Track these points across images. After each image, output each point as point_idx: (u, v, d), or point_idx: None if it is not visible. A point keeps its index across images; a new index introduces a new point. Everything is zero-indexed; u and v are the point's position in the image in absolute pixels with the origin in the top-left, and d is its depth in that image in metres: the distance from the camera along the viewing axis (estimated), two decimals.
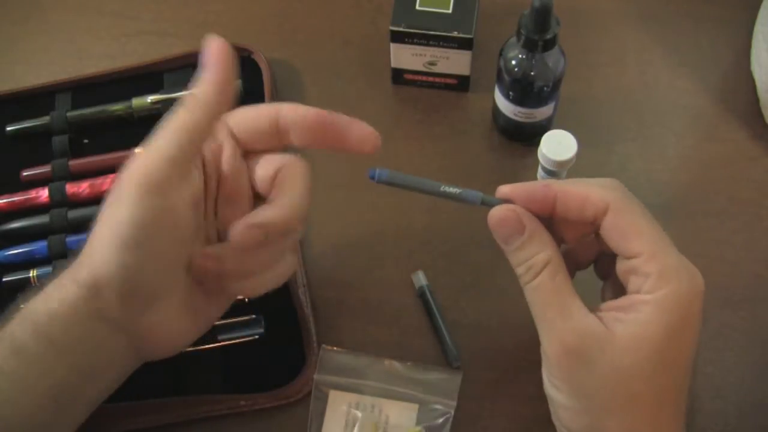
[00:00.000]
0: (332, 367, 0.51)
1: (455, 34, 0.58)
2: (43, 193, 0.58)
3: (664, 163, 0.59)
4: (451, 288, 0.55)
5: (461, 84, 0.62)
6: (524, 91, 0.55)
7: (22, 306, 0.42)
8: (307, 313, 0.53)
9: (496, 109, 0.59)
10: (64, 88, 0.63)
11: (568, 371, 0.40)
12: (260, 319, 0.53)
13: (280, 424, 0.51)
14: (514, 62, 0.54)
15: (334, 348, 0.52)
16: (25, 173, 0.59)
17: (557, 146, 0.53)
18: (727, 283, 0.54)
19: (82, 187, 0.58)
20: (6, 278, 0.55)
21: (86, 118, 0.61)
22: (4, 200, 0.58)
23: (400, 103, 0.63)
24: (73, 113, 0.61)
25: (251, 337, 0.52)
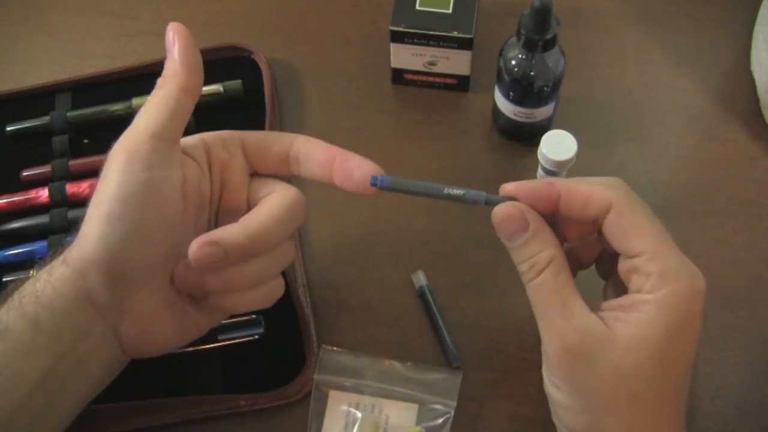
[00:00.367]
0: (332, 367, 0.52)
1: (455, 34, 0.58)
2: (43, 193, 0.58)
3: (664, 163, 0.59)
4: (451, 288, 0.55)
5: (461, 84, 0.62)
6: (524, 91, 0.55)
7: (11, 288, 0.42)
8: (307, 313, 0.53)
9: (496, 109, 0.59)
10: (64, 88, 0.63)
11: (568, 370, 0.40)
12: (260, 319, 0.53)
13: (280, 424, 0.51)
14: (514, 62, 0.54)
15: (334, 348, 0.52)
16: (25, 173, 0.59)
17: (557, 146, 0.53)
18: (727, 283, 0.54)
19: (82, 187, 0.58)
20: (6, 278, 0.55)
21: (86, 118, 0.61)
22: (4, 200, 0.58)
23: (400, 103, 0.63)
24: (73, 113, 0.61)
25: (251, 337, 0.52)
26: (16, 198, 0.58)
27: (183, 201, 0.44)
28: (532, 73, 0.54)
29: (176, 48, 0.44)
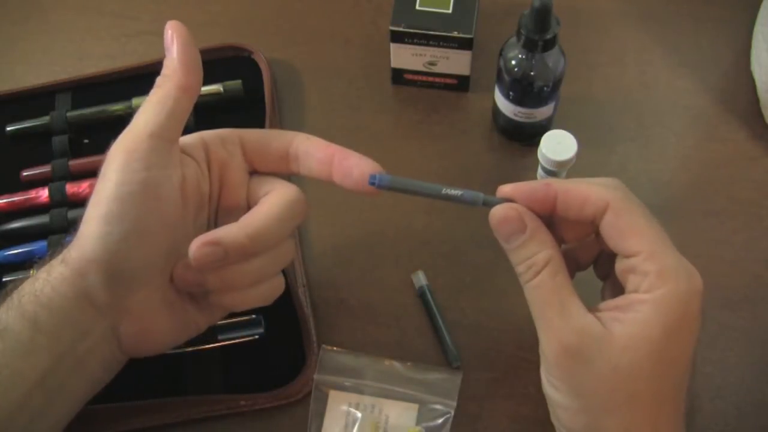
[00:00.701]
0: (332, 367, 0.52)
1: (455, 34, 0.58)
2: (43, 193, 0.58)
3: (664, 163, 0.59)
4: (451, 288, 0.55)
5: (461, 84, 0.62)
6: (524, 91, 0.55)
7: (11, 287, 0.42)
8: (307, 313, 0.53)
9: (496, 109, 0.59)
10: (64, 88, 0.63)
11: (566, 371, 0.40)
12: (260, 319, 0.53)
13: (280, 424, 0.51)
14: (514, 62, 0.54)
15: (334, 348, 0.52)
16: (25, 173, 0.59)
17: (557, 146, 0.53)
18: (727, 283, 0.54)
19: (82, 187, 0.58)
20: (6, 278, 0.55)
21: (86, 118, 0.61)
22: (4, 200, 0.58)
23: (400, 103, 0.63)
24: (73, 113, 0.61)
25: (251, 337, 0.52)
26: (16, 198, 0.58)
27: (182, 200, 0.44)
28: (532, 73, 0.54)
29: (175, 47, 0.44)
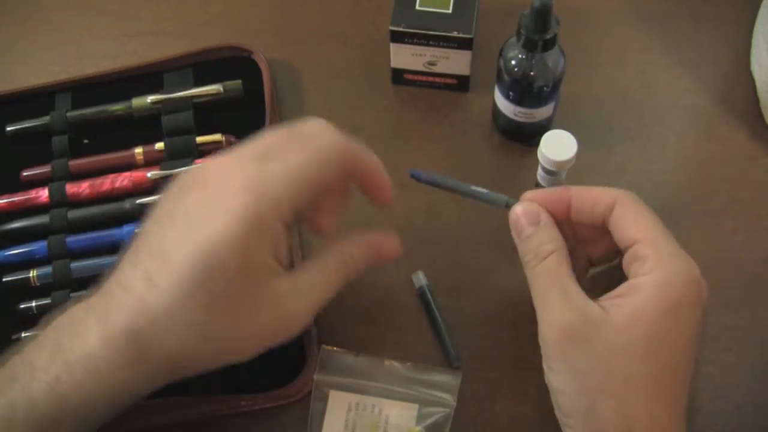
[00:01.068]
0: (332, 367, 0.52)
1: (455, 34, 0.58)
2: (43, 193, 0.58)
3: (664, 163, 0.59)
4: (451, 288, 0.55)
5: (461, 84, 0.62)
6: (524, 91, 0.55)
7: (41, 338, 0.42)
8: None
9: (496, 109, 0.59)
10: (64, 88, 0.63)
11: (564, 351, 0.41)
12: None
13: (280, 424, 0.51)
14: (514, 62, 0.54)
15: (334, 348, 0.52)
16: (25, 173, 0.59)
17: (557, 146, 0.53)
18: (727, 283, 0.54)
19: (82, 187, 0.58)
20: (6, 278, 0.55)
21: (86, 118, 0.61)
22: (4, 200, 0.58)
23: (400, 103, 0.63)
24: (73, 113, 0.61)
25: None
26: (16, 198, 0.58)
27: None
28: (532, 73, 0.54)
29: (373, 255, 0.49)
